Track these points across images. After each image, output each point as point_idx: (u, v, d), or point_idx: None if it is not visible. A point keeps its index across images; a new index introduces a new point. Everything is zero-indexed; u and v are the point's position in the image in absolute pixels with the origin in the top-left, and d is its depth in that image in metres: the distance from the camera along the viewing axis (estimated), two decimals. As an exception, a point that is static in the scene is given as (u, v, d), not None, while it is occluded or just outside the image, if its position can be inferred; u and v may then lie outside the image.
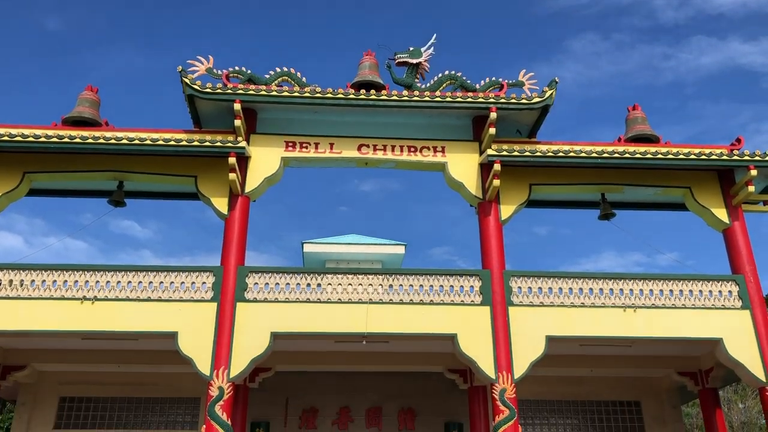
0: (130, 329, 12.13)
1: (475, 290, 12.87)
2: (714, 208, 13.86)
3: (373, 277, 12.90)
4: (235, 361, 11.88)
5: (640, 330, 12.69)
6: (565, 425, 16.65)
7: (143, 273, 12.58)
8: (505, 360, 12.22)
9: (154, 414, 16.07)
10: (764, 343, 12.63)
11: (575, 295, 12.95)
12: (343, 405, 16.42)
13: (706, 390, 15.16)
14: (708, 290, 13.11)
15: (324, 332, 12.44)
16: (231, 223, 13.07)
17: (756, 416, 23.71)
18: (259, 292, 12.54)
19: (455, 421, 16.18)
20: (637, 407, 16.86)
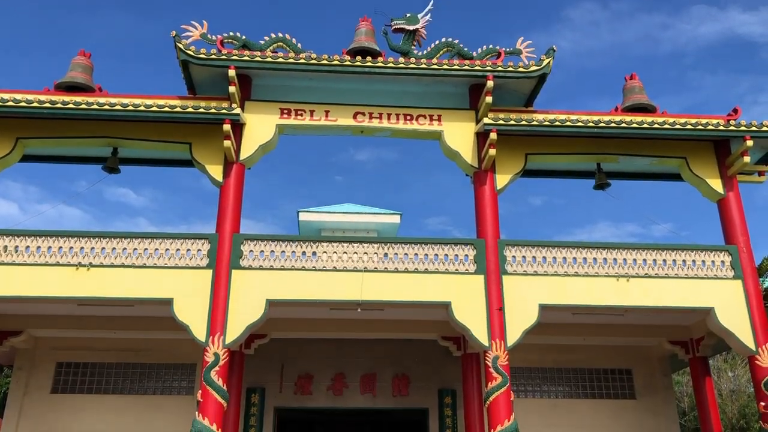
0: (126, 296, 12.18)
1: (470, 259, 12.94)
2: (709, 179, 13.88)
3: (368, 246, 12.94)
4: (231, 327, 11.97)
5: (633, 299, 12.81)
6: (557, 392, 16.89)
7: (138, 240, 12.59)
8: (498, 328, 12.33)
9: (150, 379, 16.23)
10: (755, 312, 12.77)
11: (569, 264, 13.03)
12: (338, 371, 16.59)
13: (697, 358, 15.36)
14: (701, 260, 13.20)
15: (319, 300, 12.51)
16: (226, 190, 13.04)
17: (745, 384, 24.07)
18: (254, 260, 12.58)
19: (448, 388, 16.38)
20: (628, 375, 17.09)
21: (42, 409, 15.54)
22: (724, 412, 21.50)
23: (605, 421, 16.48)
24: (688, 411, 24.04)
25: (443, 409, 16.20)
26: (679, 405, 22.84)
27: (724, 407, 21.71)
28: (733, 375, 25.38)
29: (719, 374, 25.07)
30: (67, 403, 15.67)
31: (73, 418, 15.53)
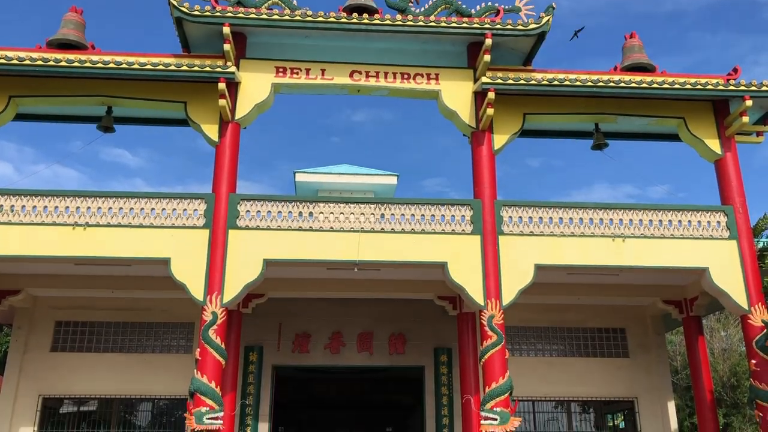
0: (123, 255, 12.21)
1: (467, 220, 12.96)
2: (707, 139, 13.84)
3: (365, 206, 12.94)
4: (228, 286, 12.04)
5: (628, 259, 12.89)
6: (552, 350, 17.12)
7: (135, 199, 12.57)
8: (494, 287, 12.43)
9: (149, 338, 16.39)
10: (749, 272, 12.87)
11: (565, 224, 13.07)
12: (335, 330, 16.76)
13: (690, 318, 15.52)
14: (697, 221, 13.25)
15: (316, 260, 12.57)
16: (222, 150, 12.98)
17: (737, 344, 24.39)
18: (251, 220, 12.59)
19: (444, 346, 16.58)
20: (622, 334, 17.31)
21: (42, 367, 15.72)
22: (716, 370, 21.82)
23: (599, 379, 16.75)
24: (680, 369, 24.40)
25: (439, 367, 16.43)
26: (671, 363, 23.18)
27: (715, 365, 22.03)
28: (726, 334, 25.70)
29: (712, 334, 25.38)
30: (66, 362, 15.85)
31: (73, 376, 15.73)
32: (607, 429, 17.22)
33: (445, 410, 16.08)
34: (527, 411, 16.54)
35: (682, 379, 23.71)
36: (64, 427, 15.66)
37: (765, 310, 12.74)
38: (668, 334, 22.10)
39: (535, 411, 16.72)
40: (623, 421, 17.48)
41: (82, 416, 15.89)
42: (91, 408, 16.04)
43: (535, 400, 16.70)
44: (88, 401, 15.99)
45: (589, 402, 17.01)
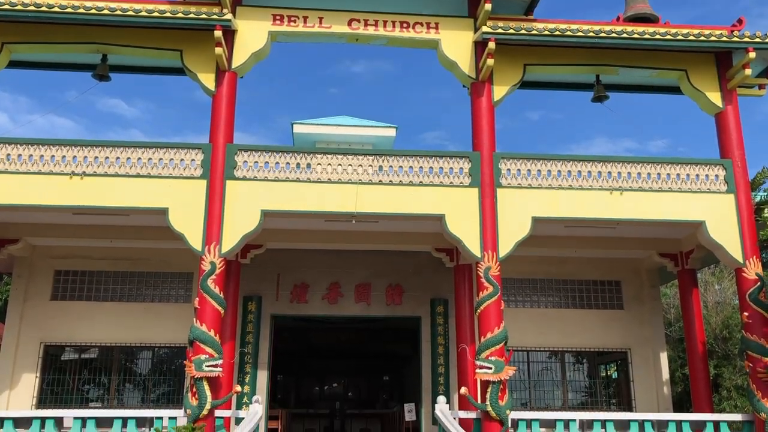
0: (120, 205, 12.22)
1: (465, 172, 12.94)
2: (708, 92, 13.72)
3: (363, 158, 12.90)
4: (226, 237, 12.09)
5: (625, 212, 12.92)
6: (547, 302, 17.31)
7: (132, 149, 12.51)
8: (490, 240, 12.49)
9: (148, 287, 16.53)
10: (744, 226, 12.93)
11: (563, 177, 13.06)
12: (333, 281, 16.91)
13: (685, 271, 15.66)
14: (695, 174, 13.24)
15: (314, 211, 12.59)
16: (218, 99, 12.85)
17: (730, 297, 24.65)
18: (248, 171, 12.56)
19: (441, 297, 16.76)
20: (617, 286, 17.48)
21: (42, 315, 15.89)
22: (709, 323, 22.09)
23: (593, 330, 16.99)
24: (674, 322, 24.73)
25: (435, 318, 16.65)
26: (665, 316, 23.48)
27: (708, 318, 22.29)
28: (720, 288, 25.93)
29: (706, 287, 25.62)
30: (67, 310, 16.01)
31: (73, 324, 15.92)
32: (600, 379, 17.55)
33: (441, 359, 16.36)
34: (522, 361, 16.83)
35: (675, 332, 24.05)
36: (66, 373, 15.93)
37: (759, 263, 12.85)
38: (663, 287, 22.34)
39: (530, 361, 17.01)
40: (616, 372, 17.81)
41: (84, 363, 16.15)
42: (92, 355, 16.30)
43: (529, 350, 16.97)
44: (88, 349, 16.23)
45: (582, 352, 17.30)
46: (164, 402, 15.94)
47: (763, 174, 13.52)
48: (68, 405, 15.33)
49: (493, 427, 11.66)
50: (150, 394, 16.23)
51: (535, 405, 16.71)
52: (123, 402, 16.10)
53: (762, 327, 12.49)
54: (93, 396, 16.18)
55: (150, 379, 16.36)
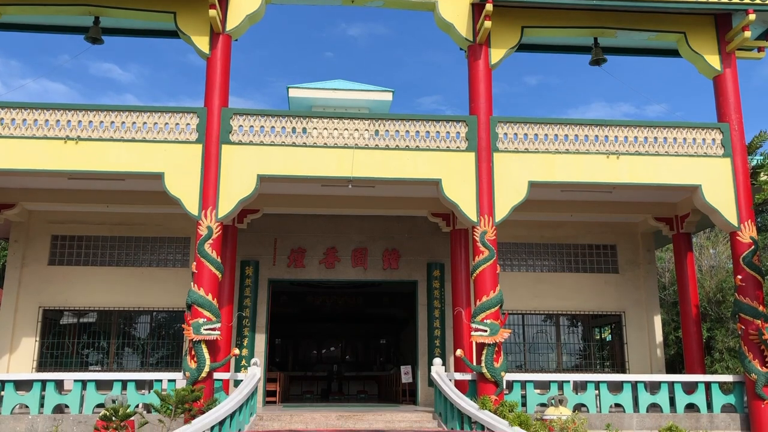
0: (116, 169, 12.17)
1: (461, 136, 12.89)
2: (707, 55, 13.61)
3: (359, 122, 12.83)
4: (223, 201, 12.08)
5: (622, 176, 12.92)
6: (543, 266, 17.43)
7: (126, 113, 12.42)
8: (487, 204, 12.50)
9: (145, 252, 16.59)
10: (740, 190, 12.95)
11: (560, 141, 13.02)
12: (330, 246, 16.97)
13: (680, 235, 15.74)
14: (692, 138, 13.21)
15: (310, 176, 12.56)
16: (213, 62, 12.71)
17: (725, 261, 24.80)
18: (244, 135, 12.50)
19: (437, 262, 16.86)
20: (612, 250, 17.59)
21: (40, 280, 15.96)
22: (703, 286, 22.26)
23: (588, 293, 17.15)
24: (668, 285, 24.91)
25: (432, 282, 16.76)
26: (660, 280, 23.64)
27: (702, 282, 22.45)
28: (714, 252, 26.06)
29: (701, 251, 25.75)
30: (64, 275, 16.08)
31: (71, 289, 16.00)
32: (594, 341, 17.77)
33: (437, 323, 16.53)
34: (517, 324, 17.02)
35: (669, 295, 24.24)
36: (65, 337, 16.07)
37: (754, 227, 12.92)
38: (658, 251, 22.48)
39: (525, 324, 17.20)
40: (610, 334, 18.02)
41: (83, 327, 16.28)
42: (91, 320, 16.42)
43: (524, 314, 17.14)
44: (87, 313, 16.34)
45: (577, 315, 17.48)
46: (163, 365, 16.13)
47: (761, 138, 13.49)
48: (68, 368, 15.50)
49: (488, 389, 11.82)
50: (149, 357, 16.40)
51: (530, 367, 16.94)
52: (122, 365, 16.27)
53: (755, 290, 12.61)
54: (92, 360, 16.36)
55: (149, 342, 16.52)
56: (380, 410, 13.84)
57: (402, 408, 15.18)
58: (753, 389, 12.37)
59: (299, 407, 15.74)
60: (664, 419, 12.53)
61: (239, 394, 11.25)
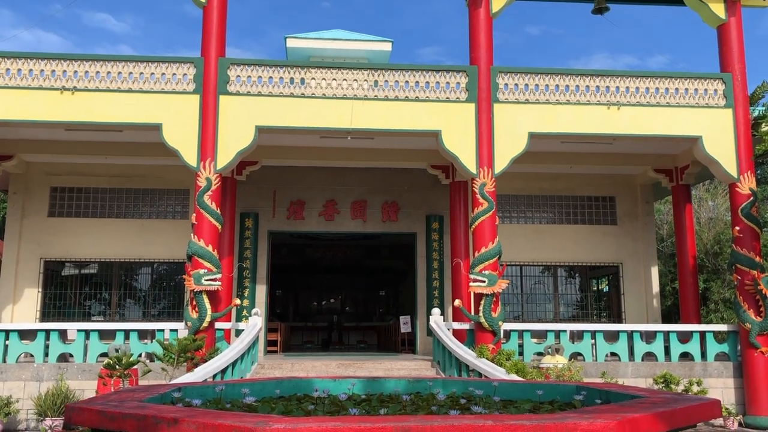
0: (113, 120, 12.09)
1: (462, 87, 12.76)
2: (712, 3, 13.36)
3: (358, 72, 12.69)
4: (221, 153, 12.04)
5: (622, 127, 12.85)
6: (542, 218, 17.50)
7: (122, 63, 12.26)
8: (486, 156, 12.46)
9: (144, 204, 16.62)
10: (741, 141, 12.90)
11: (560, 92, 12.90)
12: (330, 198, 16.98)
13: (680, 186, 15.76)
14: (694, 88, 13.09)
15: (309, 127, 12.48)
16: (209, 11, 12.49)
17: (723, 213, 24.90)
18: (242, 86, 12.37)
19: (436, 214, 16.90)
20: (611, 202, 17.63)
21: (41, 231, 16.02)
22: (701, 238, 22.38)
23: (586, 245, 17.25)
24: (666, 237, 25.05)
25: (430, 234, 16.84)
26: (658, 231, 23.77)
27: (700, 234, 22.55)
28: (713, 204, 26.16)
29: (699, 203, 25.81)
30: (64, 226, 16.14)
31: (72, 241, 16.08)
32: (592, 292, 17.95)
33: (435, 274, 16.67)
34: (515, 275, 17.16)
35: (667, 247, 24.40)
36: (67, 288, 16.22)
37: (753, 178, 12.91)
38: (656, 203, 22.51)
39: (523, 275, 17.35)
40: (607, 285, 18.20)
41: (84, 279, 16.42)
42: (92, 271, 16.55)
43: (523, 265, 17.28)
44: (88, 264, 16.45)
45: (575, 267, 17.63)
46: (165, 316, 16.33)
47: (763, 88, 13.36)
48: (71, 319, 15.69)
49: (486, 338, 12.00)
50: (151, 308, 16.59)
51: (528, 318, 17.16)
52: (124, 316, 16.47)
53: (752, 241, 12.69)
54: (95, 311, 16.55)
55: (150, 293, 16.69)
56: (380, 359, 14.08)
57: (401, 357, 15.44)
58: (747, 338, 12.56)
59: (300, 356, 16.01)
60: (658, 368, 12.76)
61: (241, 343, 11.44)
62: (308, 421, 3.15)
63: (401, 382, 5.99)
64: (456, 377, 10.90)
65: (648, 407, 3.74)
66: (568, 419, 3.22)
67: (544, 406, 4.91)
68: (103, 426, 3.74)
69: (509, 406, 4.92)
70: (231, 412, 4.15)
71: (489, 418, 3.29)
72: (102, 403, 3.98)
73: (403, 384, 5.89)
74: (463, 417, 3.39)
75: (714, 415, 4.25)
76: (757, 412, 12.33)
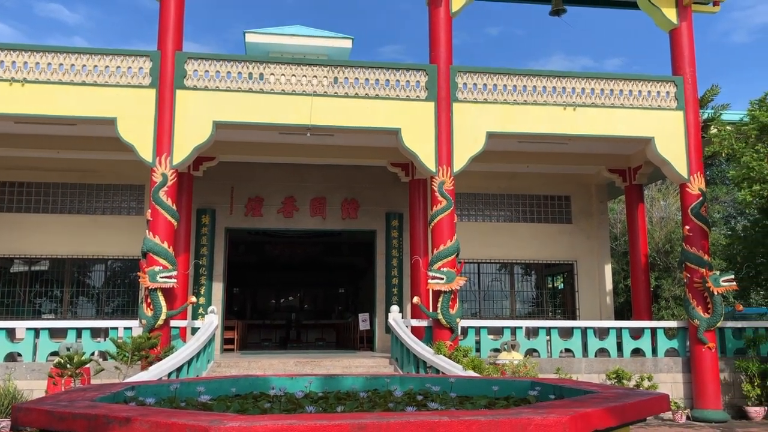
0: (66, 114, 11.78)
1: (421, 85, 12.81)
2: (664, 7, 13.70)
3: (318, 69, 12.62)
4: (178, 148, 11.84)
5: (578, 128, 13.07)
6: (499, 216, 17.71)
7: (76, 55, 11.95)
8: (445, 154, 12.55)
9: (98, 200, 16.26)
10: (691, 142, 13.26)
11: (518, 92, 13.06)
12: (288, 195, 16.88)
13: (633, 186, 16.12)
14: (647, 90, 13.40)
15: (267, 123, 12.37)
16: (166, 3, 12.27)
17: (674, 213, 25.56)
18: (199, 80, 12.19)
19: (396, 211, 16.96)
20: (567, 201, 17.96)
21: (-11, 227, 15.54)
22: (652, 237, 22.95)
23: (542, 243, 17.54)
24: (619, 236, 25.61)
25: (390, 231, 16.89)
26: (611, 230, 24.26)
27: (652, 232, 23.14)
28: (665, 204, 26.84)
29: (652, 203, 26.45)
30: (14, 221, 15.70)
31: (22, 236, 15.65)
32: (547, 290, 18.25)
33: (395, 271, 16.72)
34: (473, 272, 17.34)
35: (620, 245, 24.95)
36: (16, 285, 15.77)
37: (703, 179, 13.28)
38: (610, 203, 23.00)
39: (480, 272, 17.55)
40: (562, 283, 18.53)
41: (35, 276, 15.99)
42: (43, 268, 16.13)
43: (480, 262, 17.47)
44: (39, 261, 16.04)
45: (531, 264, 17.89)
46: (119, 314, 16.02)
47: (712, 91, 13.77)
48: (20, 317, 15.27)
49: (444, 334, 12.09)
50: (104, 306, 16.26)
51: (485, 314, 17.35)
52: (77, 314, 16.08)
53: (701, 240, 13.06)
54: (45, 309, 16.14)
55: (104, 291, 16.35)
56: (338, 356, 14.06)
57: (359, 354, 15.44)
58: (695, 334, 12.92)
59: (257, 354, 15.87)
60: (611, 363, 13.04)
61: (196, 341, 11.29)
62: (263, 419, 3.13)
63: (359, 379, 5.99)
64: (413, 374, 10.95)
65: (599, 402, 3.82)
66: (522, 414, 3.27)
67: (499, 402, 4.97)
68: (51, 426, 3.64)
69: (465, 402, 4.96)
70: (185, 410, 4.09)
71: (445, 414, 3.32)
72: (51, 403, 3.88)
73: (361, 381, 5.89)
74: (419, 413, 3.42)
75: (663, 409, 4.35)
76: (704, 405, 12.71)
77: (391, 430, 3.03)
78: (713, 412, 12.56)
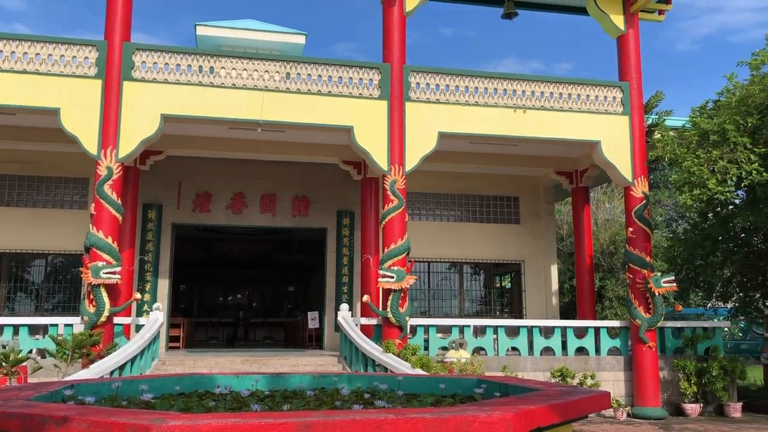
0: (5, 102, 11.34)
1: (375, 84, 12.82)
2: (612, 14, 14.04)
3: (270, 63, 12.49)
4: (124, 141, 11.55)
5: (527, 130, 13.28)
6: (449, 216, 17.87)
7: (16, 42, 11.53)
8: (398, 153, 12.58)
9: (39, 192, 15.75)
10: (636, 147, 13.63)
11: (470, 93, 13.19)
12: (238, 191, 16.67)
13: (579, 188, 16.47)
14: (594, 95, 13.70)
15: (217, 117, 12.18)
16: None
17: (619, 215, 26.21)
18: (147, 72, 11.92)
19: (347, 210, 16.93)
20: (515, 202, 18.23)
21: None
22: (597, 238, 23.52)
23: (490, 243, 17.77)
24: (565, 237, 26.14)
25: (341, 229, 16.86)
26: (558, 231, 24.76)
27: (597, 234, 23.71)
28: (610, 206, 27.51)
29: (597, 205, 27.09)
30: (-51, 215, 15.06)
31: (-43, 230, 15.03)
32: (495, 289, 18.50)
33: (345, 269, 16.70)
34: (423, 271, 17.45)
35: (566, 246, 25.47)
36: (-50, 281, 15.15)
37: (646, 182, 13.66)
38: (557, 204, 23.46)
39: (430, 271, 17.67)
40: (510, 282, 18.81)
41: (-30, 270, 15.38)
42: (-21, 262, 15.53)
43: (430, 261, 17.59)
44: (-25, 255, 15.43)
45: (480, 264, 18.10)
46: (60, 310, 15.55)
47: (657, 98, 14.18)
48: (-46, 313, 14.67)
49: (393, 333, 12.12)
50: (44, 302, 15.75)
51: (434, 313, 17.48)
52: (15, 311, 15.56)
53: (644, 242, 13.43)
54: (-19, 304, 15.54)
55: (44, 287, 15.84)
56: (286, 355, 13.96)
57: (308, 353, 15.36)
58: (637, 334, 13.29)
59: (203, 352, 15.62)
60: (556, 362, 13.29)
61: (140, 338, 11.04)
62: (207, 418, 3.07)
63: (306, 377, 5.95)
64: (362, 372, 10.94)
65: (543, 400, 3.88)
66: (468, 412, 3.29)
67: (446, 400, 5.00)
68: (-16, 426, 3.50)
69: (412, 400, 4.97)
70: (126, 409, 3.99)
71: (391, 411, 3.32)
72: (-16, 403, 3.72)
73: (308, 380, 5.85)
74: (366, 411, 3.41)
75: (604, 406, 4.45)
76: (644, 403, 13.08)
77: (337, 429, 3.01)
78: (652, 409, 12.94)
